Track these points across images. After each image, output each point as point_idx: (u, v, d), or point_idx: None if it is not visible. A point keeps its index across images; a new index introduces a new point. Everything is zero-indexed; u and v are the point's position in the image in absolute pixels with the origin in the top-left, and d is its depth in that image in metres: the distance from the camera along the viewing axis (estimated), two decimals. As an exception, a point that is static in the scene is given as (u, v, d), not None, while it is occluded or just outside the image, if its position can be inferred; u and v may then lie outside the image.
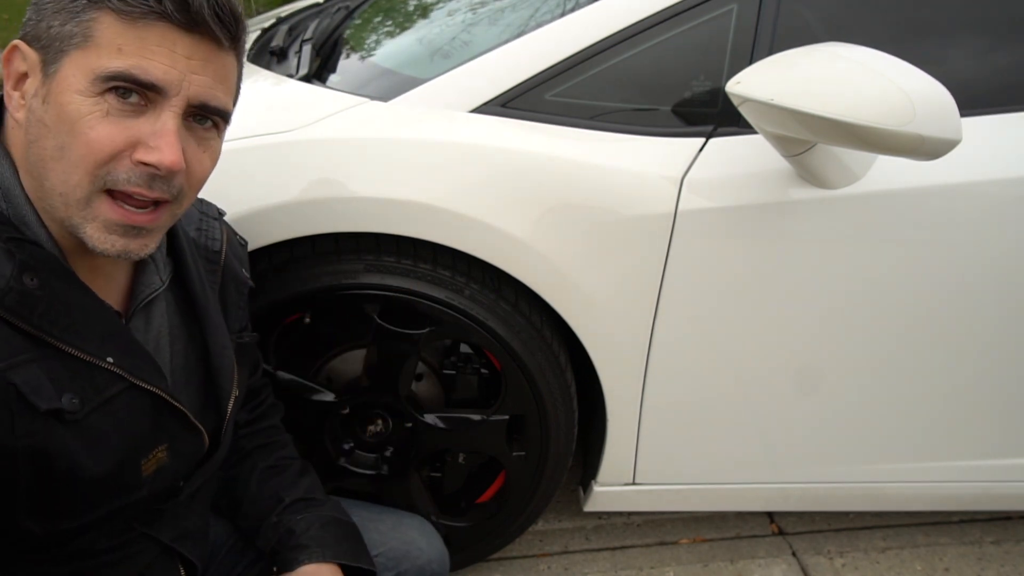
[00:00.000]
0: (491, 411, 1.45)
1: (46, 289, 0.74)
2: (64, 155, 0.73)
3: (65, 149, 0.73)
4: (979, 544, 1.83)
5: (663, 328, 1.38)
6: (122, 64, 0.72)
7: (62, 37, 0.73)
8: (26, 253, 0.74)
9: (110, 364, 0.79)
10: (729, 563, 1.75)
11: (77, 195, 0.74)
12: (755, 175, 1.32)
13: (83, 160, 0.73)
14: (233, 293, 1.03)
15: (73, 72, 0.73)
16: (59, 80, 0.73)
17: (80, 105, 0.72)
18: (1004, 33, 1.44)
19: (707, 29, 1.34)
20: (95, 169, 0.74)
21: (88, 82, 0.72)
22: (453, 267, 1.32)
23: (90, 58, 0.72)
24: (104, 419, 0.79)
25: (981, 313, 1.44)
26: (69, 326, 0.76)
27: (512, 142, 1.28)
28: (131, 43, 0.73)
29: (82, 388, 0.77)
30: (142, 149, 0.74)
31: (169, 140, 0.75)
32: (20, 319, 0.72)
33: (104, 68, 0.72)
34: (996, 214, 1.37)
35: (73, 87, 0.73)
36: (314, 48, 1.65)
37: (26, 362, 0.73)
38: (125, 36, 0.72)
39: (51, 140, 0.74)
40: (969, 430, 1.59)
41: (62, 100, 0.73)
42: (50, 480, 0.76)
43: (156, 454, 0.86)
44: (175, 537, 0.94)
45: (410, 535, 1.17)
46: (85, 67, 0.72)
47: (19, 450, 0.73)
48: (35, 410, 0.73)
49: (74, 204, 0.75)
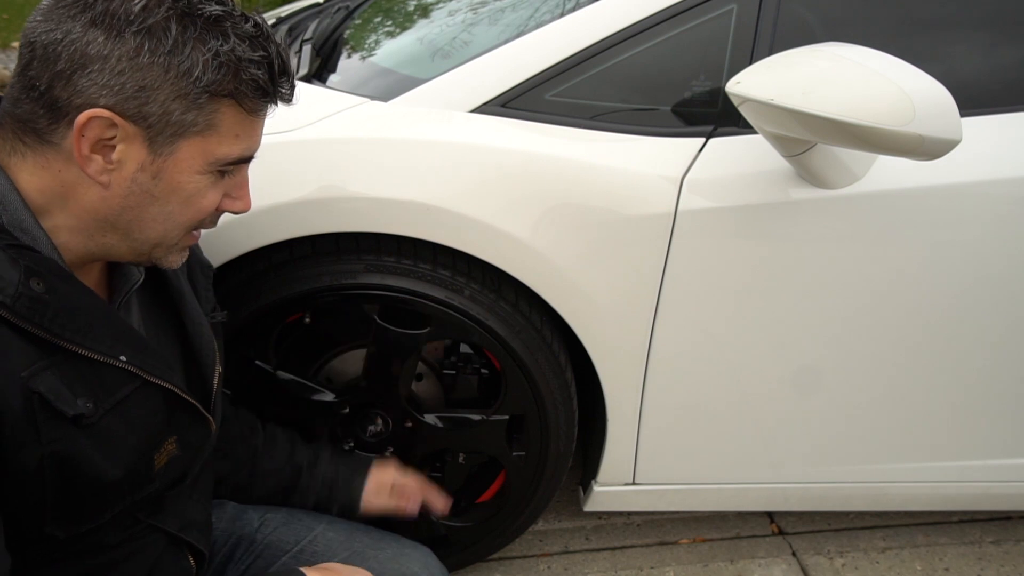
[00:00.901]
0: (491, 411, 1.45)
1: (53, 293, 0.75)
2: (170, 218, 0.82)
3: (173, 215, 0.82)
4: (979, 544, 1.83)
5: (663, 328, 1.38)
6: (239, 151, 0.82)
7: (182, 124, 0.77)
8: (29, 258, 0.74)
9: (123, 363, 0.80)
10: (729, 563, 1.75)
11: (170, 242, 0.85)
12: (755, 175, 1.32)
13: (189, 222, 0.84)
14: (200, 277, 1.06)
15: (192, 155, 0.79)
16: (176, 161, 0.78)
17: (197, 184, 0.81)
18: (1004, 33, 1.44)
19: (707, 29, 1.34)
20: (195, 225, 0.85)
21: (207, 164, 0.80)
22: (453, 267, 1.32)
23: (211, 144, 0.79)
24: (118, 420, 0.80)
25: (981, 313, 1.44)
26: (79, 328, 0.77)
27: (512, 142, 1.29)
28: (247, 130, 0.82)
29: (94, 391, 0.78)
30: (227, 200, 0.86)
31: (247, 190, 0.88)
32: (33, 324, 0.73)
33: (227, 156, 0.81)
34: (996, 214, 1.37)
35: (193, 168, 0.80)
36: (314, 48, 1.65)
37: (43, 369, 0.74)
38: (243, 124, 0.81)
39: (158, 208, 0.81)
40: (969, 430, 1.59)
41: (181, 179, 0.80)
42: (74, 485, 0.77)
43: (167, 447, 0.88)
44: (181, 526, 0.95)
45: (411, 568, 1.14)
46: (206, 152, 0.79)
47: (46, 458, 0.74)
48: (61, 416, 0.74)
49: (165, 247, 0.85)
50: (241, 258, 1.26)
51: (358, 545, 1.15)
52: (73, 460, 0.76)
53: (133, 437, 0.82)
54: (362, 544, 1.16)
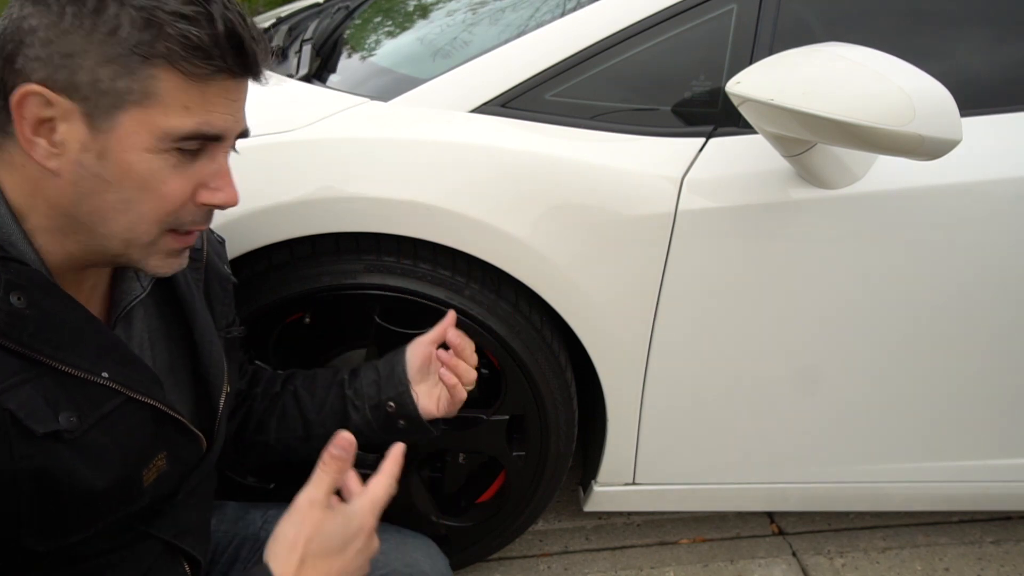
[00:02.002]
0: (491, 411, 1.45)
1: (35, 308, 0.72)
2: (131, 207, 0.75)
3: (132, 203, 0.75)
4: (979, 544, 1.83)
5: (663, 328, 1.38)
6: (192, 124, 0.74)
7: (115, 92, 0.71)
8: (11, 272, 0.72)
9: (106, 379, 0.78)
10: (729, 563, 1.75)
11: (144, 240, 0.77)
12: (755, 175, 1.32)
13: (154, 212, 0.76)
14: (218, 290, 1.03)
15: (135, 130, 0.72)
16: (119, 137, 0.72)
17: (150, 163, 0.73)
18: (1004, 33, 1.44)
19: (707, 29, 1.34)
20: (165, 218, 0.77)
21: (155, 140, 0.73)
22: (453, 267, 1.32)
23: (154, 117, 0.72)
24: (103, 434, 0.78)
25: (981, 313, 1.44)
26: (61, 344, 0.74)
27: (512, 142, 1.29)
28: (196, 100, 0.73)
29: (79, 405, 0.76)
30: (205, 192, 0.78)
31: (228, 180, 0.79)
32: (10, 340, 0.71)
33: (175, 129, 0.73)
34: (996, 214, 1.37)
35: (139, 145, 0.73)
36: (314, 48, 1.65)
37: (19, 384, 0.71)
38: (190, 94, 0.73)
39: (113, 194, 0.74)
40: (969, 430, 1.59)
41: (128, 158, 0.73)
42: (54, 500, 0.75)
43: (156, 463, 0.86)
44: (176, 534, 0.94)
45: (414, 556, 1.14)
46: (150, 125, 0.72)
47: (19, 473, 0.72)
48: (32, 434, 0.72)
49: (139, 246, 0.77)
50: (241, 258, 1.26)
51: None
52: (53, 474, 0.74)
53: (119, 451, 0.80)
54: None
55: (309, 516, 0.78)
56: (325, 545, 0.77)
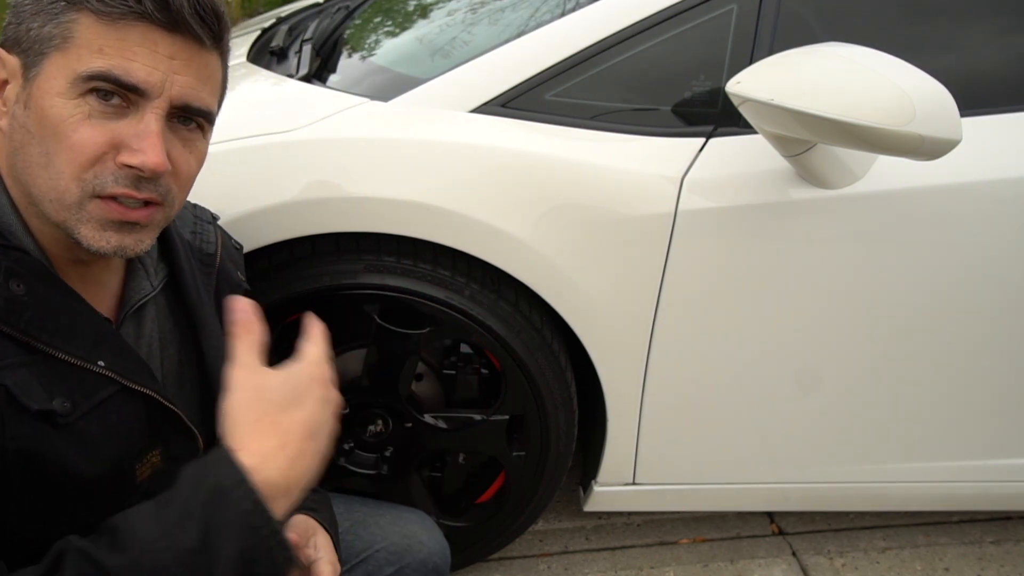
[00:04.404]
0: (491, 411, 1.45)
1: (33, 295, 0.74)
2: (50, 160, 0.73)
3: (51, 155, 0.73)
4: (979, 544, 1.83)
5: (663, 328, 1.38)
6: (104, 64, 0.71)
7: (41, 39, 0.72)
8: (11, 260, 0.73)
9: (101, 367, 0.78)
10: (729, 563, 1.75)
11: (67, 200, 0.74)
12: (755, 175, 1.32)
13: (68, 164, 0.73)
14: (229, 294, 1.03)
15: (53, 75, 0.72)
16: (40, 83, 0.72)
17: (61, 108, 0.72)
18: (1005, 32, 1.44)
19: (707, 29, 1.35)
20: (80, 173, 0.73)
21: (68, 84, 0.71)
22: (453, 267, 1.32)
23: (70, 59, 0.71)
24: (96, 423, 0.79)
25: (981, 313, 1.44)
26: (57, 331, 0.75)
27: (512, 142, 1.29)
28: (112, 44, 0.72)
29: (73, 392, 0.76)
30: (126, 152, 0.73)
31: (152, 142, 0.74)
32: (8, 325, 0.72)
33: (85, 68, 0.71)
34: (996, 214, 1.37)
35: (54, 90, 0.72)
36: (314, 48, 1.65)
37: (15, 365, 0.72)
38: (106, 37, 0.72)
39: (36, 146, 0.73)
40: (969, 430, 1.59)
41: (44, 104, 0.72)
42: (43, 485, 0.76)
43: (150, 459, 0.86)
44: None
45: (411, 528, 1.16)
46: (65, 68, 0.72)
47: (10, 452, 0.72)
48: (26, 411, 0.72)
49: (66, 208, 0.74)
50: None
51: (357, 515, 1.15)
52: (39, 457, 0.74)
53: (112, 441, 0.80)
54: (361, 513, 1.17)
55: (247, 380, 0.74)
56: (275, 400, 0.73)
